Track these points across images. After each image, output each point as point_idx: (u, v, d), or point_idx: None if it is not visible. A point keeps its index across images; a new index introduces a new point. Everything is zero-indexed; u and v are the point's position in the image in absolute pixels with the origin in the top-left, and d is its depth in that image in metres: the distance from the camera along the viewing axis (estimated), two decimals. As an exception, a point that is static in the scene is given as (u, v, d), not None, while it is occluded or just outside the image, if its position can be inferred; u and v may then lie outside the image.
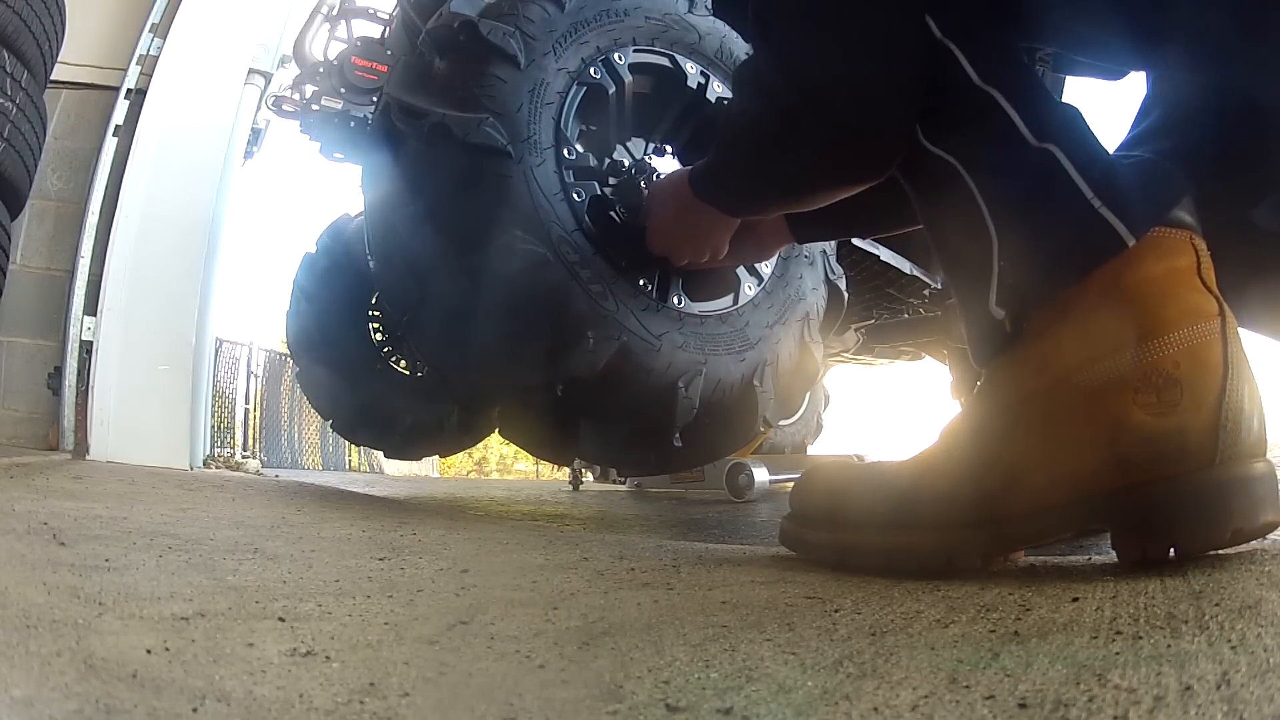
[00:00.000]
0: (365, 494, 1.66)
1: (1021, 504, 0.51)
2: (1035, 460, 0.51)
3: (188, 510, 0.89)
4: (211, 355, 2.20)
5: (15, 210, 1.37)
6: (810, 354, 1.21)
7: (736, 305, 1.13)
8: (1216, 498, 0.47)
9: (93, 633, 0.34)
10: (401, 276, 1.07)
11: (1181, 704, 0.26)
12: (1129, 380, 0.49)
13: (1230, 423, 0.47)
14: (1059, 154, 0.52)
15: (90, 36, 1.83)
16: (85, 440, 1.66)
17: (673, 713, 0.28)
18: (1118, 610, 0.40)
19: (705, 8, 1.24)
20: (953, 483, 0.54)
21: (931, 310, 2.11)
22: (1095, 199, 0.51)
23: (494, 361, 1.03)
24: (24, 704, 0.26)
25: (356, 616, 0.42)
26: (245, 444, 6.72)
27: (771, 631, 0.40)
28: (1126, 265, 0.50)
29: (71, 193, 1.83)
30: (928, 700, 0.29)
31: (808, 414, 3.19)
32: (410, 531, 0.84)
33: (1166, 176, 0.53)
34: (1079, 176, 0.51)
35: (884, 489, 0.58)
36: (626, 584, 0.55)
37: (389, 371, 2.17)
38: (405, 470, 6.64)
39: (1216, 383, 0.48)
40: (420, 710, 0.28)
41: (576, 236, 0.99)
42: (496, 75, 1.00)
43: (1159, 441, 0.48)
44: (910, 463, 0.58)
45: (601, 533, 1.14)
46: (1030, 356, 0.53)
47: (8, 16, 1.20)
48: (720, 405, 1.08)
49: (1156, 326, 0.49)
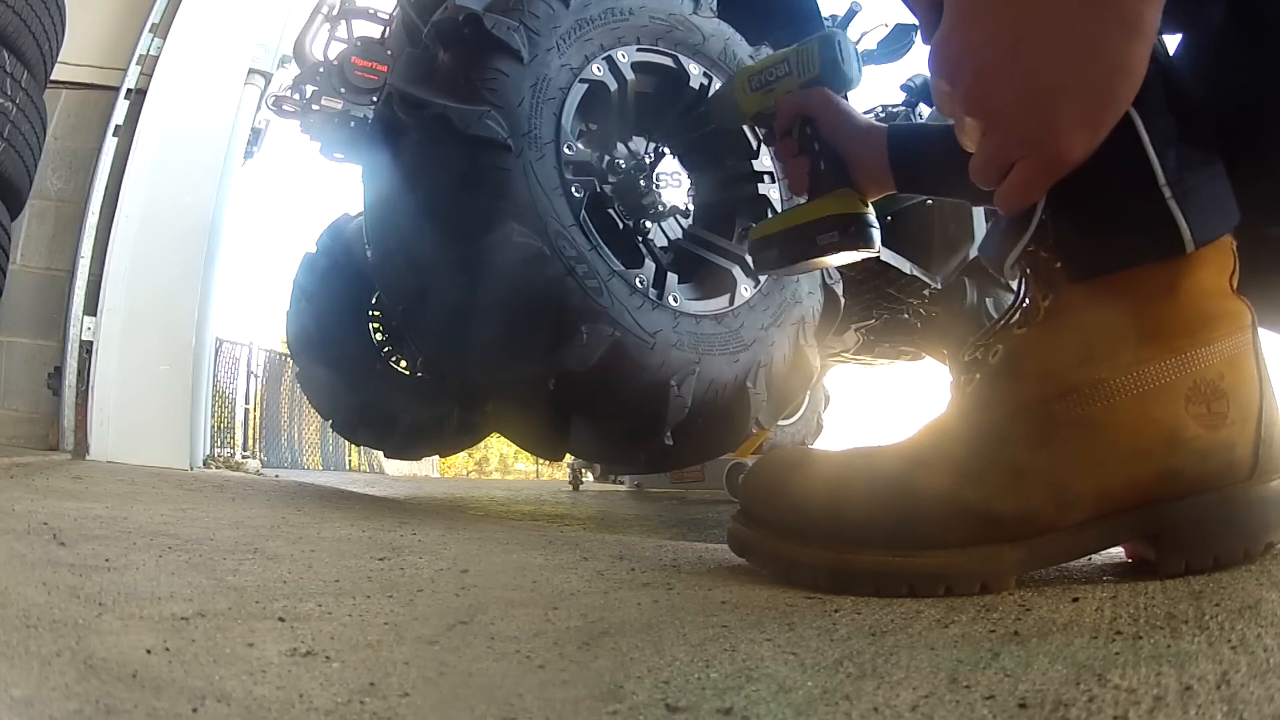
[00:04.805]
0: (365, 494, 1.66)
1: (1068, 517, 0.47)
2: (1080, 470, 0.47)
3: (188, 510, 0.89)
4: (211, 355, 2.20)
5: (15, 210, 1.37)
6: (805, 357, 1.21)
7: (732, 306, 1.13)
8: (1258, 511, 0.47)
9: (93, 633, 0.34)
10: (399, 267, 1.08)
11: (1181, 704, 0.26)
12: (1178, 389, 0.46)
13: (1268, 436, 0.47)
14: (1136, 118, 0.44)
15: (90, 36, 1.83)
16: (85, 440, 1.66)
17: (673, 713, 0.28)
18: (1118, 610, 0.40)
19: (710, 9, 1.24)
20: (982, 495, 0.47)
21: (931, 310, 2.11)
22: (1167, 188, 0.45)
23: (487, 354, 1.03)
24: (24, 704, 0.26)
25: (356, 616, 0.42)
26: (245, 444, 6.72)
27: (771, 631, 0.40)
28: (1184, 269, 0.46)
29: (71, 193, 1.83)
30: (928, 700, 0.29)
31: (807, 414, 3.19)
32: (410, 531, 0.84)
33: (1225, 178, 0.48)
34: (1155, 156, 0.45)
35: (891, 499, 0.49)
36: (626, 584, 0.55)
37: (389, 371, 2.17)
38: (405, 470, 6.64)
39: (1256, 395, 0.47)
40: (420, 710, 0.28)
41: (574, 232, 0.99)
42: (499, 69, 1.00)
43: (1212, 455, 0.46)
44: (921, 471, 0.50)
45: (601, 533, 1.14)
46: (1063, 343, 0.48)
47: (8, 16, 1.20)
48: (713, 405, 1.09)
49: (1207, 335, 0.47)
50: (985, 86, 0.42)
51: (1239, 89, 0.50)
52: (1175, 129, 0.46)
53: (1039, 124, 0.41)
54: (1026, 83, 0.40)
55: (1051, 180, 0.44)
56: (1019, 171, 0.43)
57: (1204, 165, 0.47)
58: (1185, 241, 0.45)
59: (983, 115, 0.43)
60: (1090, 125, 0.41)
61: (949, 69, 0.43)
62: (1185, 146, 0.46)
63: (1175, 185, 0.45)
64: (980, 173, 0.45)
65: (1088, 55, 0.39)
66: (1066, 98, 0.40)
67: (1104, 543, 0.49)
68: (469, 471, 13.19)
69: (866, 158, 0.72)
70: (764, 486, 0.56)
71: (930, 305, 2.06)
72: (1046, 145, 0.42)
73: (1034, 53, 0.40)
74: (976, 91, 0.42)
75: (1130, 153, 0.45)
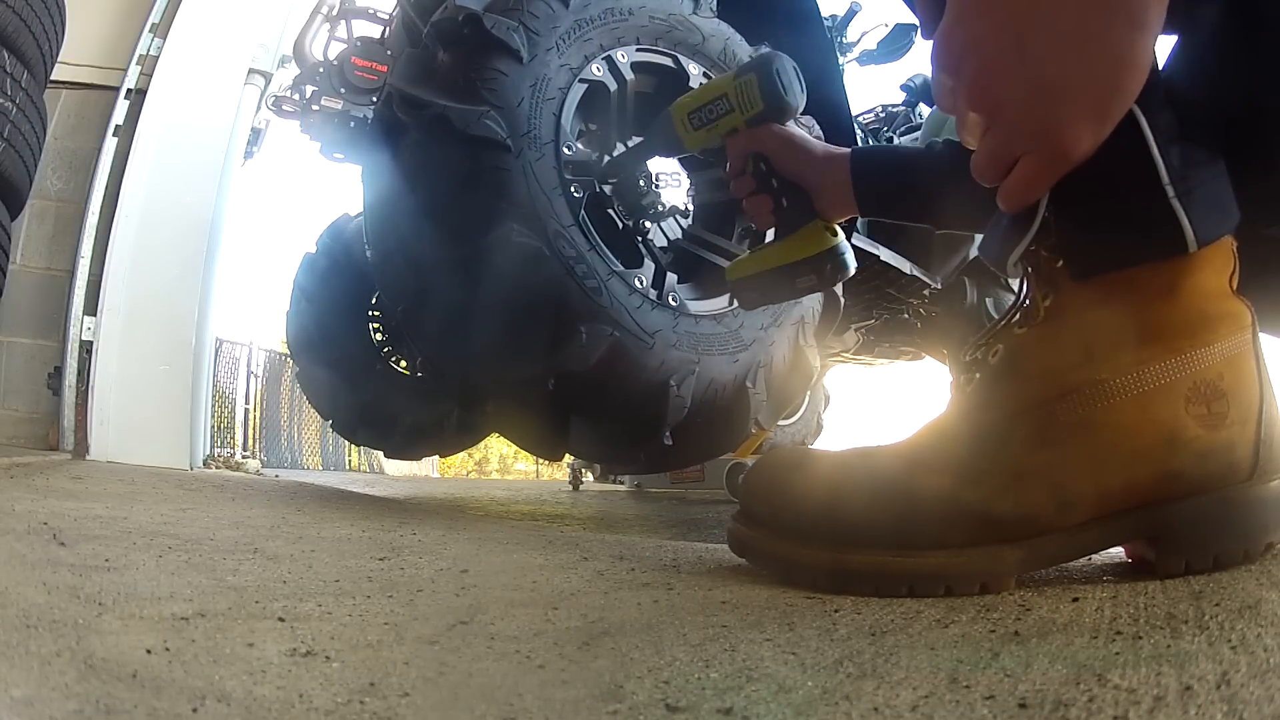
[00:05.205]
0: (365, 494, 1.66)
1: (1068, 518, 0.47)
2: (1080, 471, 0.47)
3: (188, 510, 0.89)
4: (211, 355, 2.20)
5: (15, 210, 1.37)
6: (805, 358, 1.21)
7: (732, 306, 1.13)
8: (1258, 512, 0.47)
9: (93, 633, 0.34)
10: (399, 267, 1.08)
11: (1181, 704, 0.26)
12: (1178, 389, 0.46)
13: (1268, 437, 0.47)
14: (1140, 115, 0.44)
15: (90, 36, 1.83)
16: (85, 440, 1.66)
17: (673, 713, 0.28)
18: (1118, 610, 0.40)
19: (710, 9, 1.24)
20: (981, 496, 0.47)
21: (931, 310, 2.11)
22: (1170, 187, 0.44)
23: (487, 354, 1.03)
24: (24, 704, 0.26)
25: (356, 616, 0.42)
26: (245, 444, 6.72)
27: (771, 631, 0.40)
28: (1184, 270, 0.46)
29: (71, 193, 1.83)
30: (928, 700, 0.29)
31: (807, 414, 3.19)
32: (410, 531, 0.84)
33: (1226, 177, 0.47)
34: (1159, 155, 0.44)
35: (891, 499, 0.49)
36: (626, 584, 0.55)
37: (389, 371, 2.17)
38: (405, 470, 6.64)
39: (1256, 396, 0.47)
40: (420, 710, 0.28)
41: (573, 232, 0.99)
42: (499, 69, 1.00)
43: (1211, 456, 0.46)
44: (921, 471, 0.49)
45: (601, 533, 1.14)
46: (1064, 343, 0.48)
47: (8, 16, 1.20)
48: (712, 406, 1.09)
49: (1207, 336, 0.47)
50: (989, 81, 0.41)
51: (1237, 89, 0.50)
52: (1178, 127, 0.46)
53: (1044, 118, 0.41)
54: (1031, 76, 0.40)
55: (1055, 176, 0.43)
56: (1022, 167, 0.43)
57: (1207, 164, 0.46)
58: (1188, 241, 0.45)
59: (986, 110, 0.43)
60: (1096, 119, 0.40)
61: (952, 63, 0.43)
62: (1188, 145, 0.46)
63: (1178, 184, 0.45)
64: (983, 169, 0.45)
65: (1093, 48, 0.39)
66: (1072, 91, 0.40)
67: (1104, 543, 0.49)
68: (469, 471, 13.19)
69: (829, 185, 0.73)
70: (764, 486, 0.56)
71: (930, 305, 2.06)
72: (1051, 140, 0.41)
73: (1039, 46, 0.39)
74: (980, 86, 0.42)
75: (1133, 151, 0.44)
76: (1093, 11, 0.38)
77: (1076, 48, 0.39)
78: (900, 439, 0.53)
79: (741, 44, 1.25)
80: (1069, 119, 0.40)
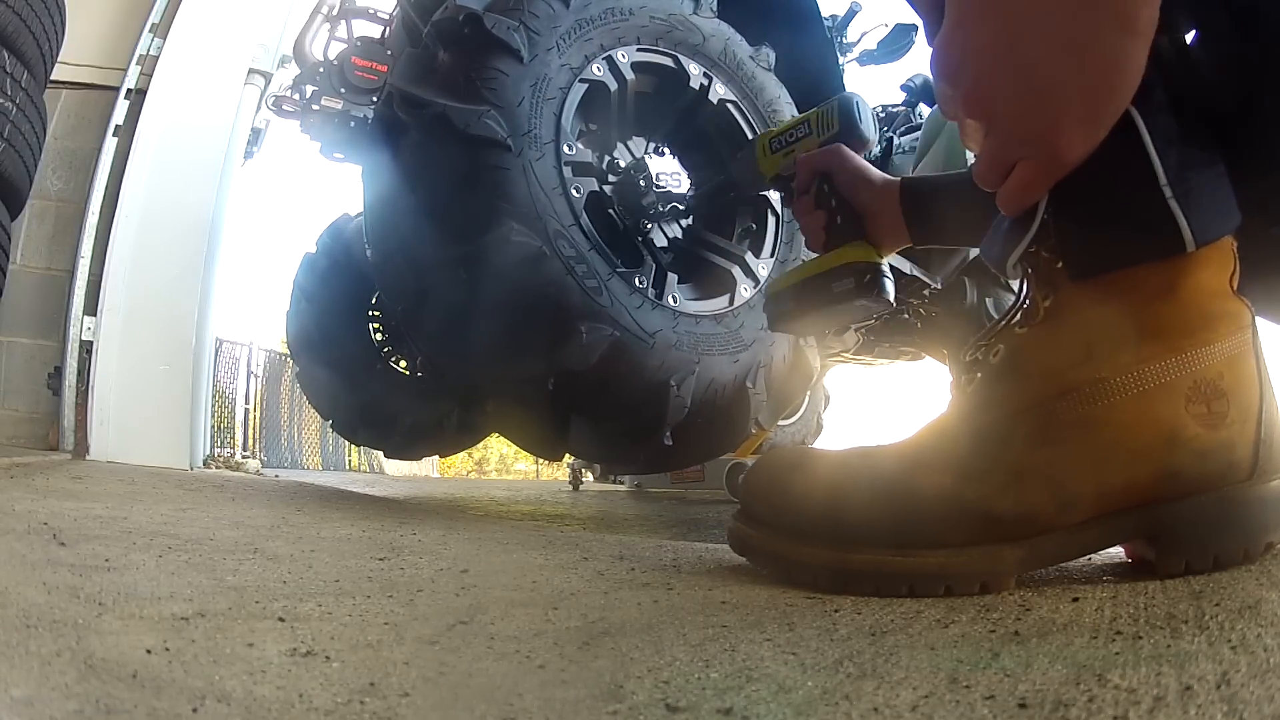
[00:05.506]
0: (365, 494, 1.66)
1: (1068, 517, 0.47)
2: (1080, 470, 0.47)
3: (188, 510, 0.89)
4: (211, 355, 2.20)
5: (15, 210, 1.37)
6: (805, 358, 1.21)
7: (732, 306, 1.13)
8: (1258, 511, 0.46)
9: (93, 633, 0.34)
10: (399, 267, 1.08)
11: (1181, 704, 0.26)
12: (1178, 388, 0.46)
13: (1267, 436, 0.47)
14: (1137, 117, 0.44)
15: (90, 36, 1.83)
16: (85, 440, 1.66)
17: (673, 713, 0.28)
18: (1118, 610, 0.40)
19: (710, 9, 1.24)
20: (982, 495, 0.47)
21: (931, 310, 2.11)
22: (1168, 187, 0.44)
23: (487, 353, 1.03)
24: (24, 704, 0.26)
25: (356, 616, 0.42)
26: (245, 444, 6.72)
27: (771, 631, 0.40)
28: (1184, 269, 0.46)
29: (71, 193, 1.83)
30: (928, 700, 0.29)
31: (807, 414, 3.19)
32: (410, 531, 0.84)
33: (1226, 178, 0.47)
34: (1156, 156, 0.44)
35: (891, 499, 0.49)
36: (626, 584, 0.55)
37: (389, 371, 2.17)
38: (405, 470, 6.64)
39: (1256, 395, 0.47)
40: (420, 710, 0.28)
41: (573, 231, 0.99)
42: (499, 69, 1.00)
43: (1211, 455, 0.46)
44: (921, 471, 0.50)
45: (601, 533, 1.14)
46: (1064, 342, 0.48)
47: (8, 16, 1.20)
48: (712, 406, 1.09)
49: (1207, 335, 0.47)
50: (985, 88, 0.42)
51: (1237, 87, 0.50)
52: (1176, 128, 0.46)
53: (1038, 124, 0.42)
54: (1024, 82, 0.41)
55: (1052, 180, 0.44)
56: (1020, 172, 0.44)
57: (1205, 165, 0.47)
58: (1186, 242, 0.45)
59: (983, 117, 0.44)
60: (1089, 124, 0.41)
61: (951, 71, 0.43)
62: (1186, 146, 0.46)
63: (1176, 185, 0.45)
64: (983, 174, 0.46)
65: (1084, 54, 0.39)
66: (1064, 97, 0.40)
67: (1104, 542, 0.49)
68: (469, 471, 13.19)
69: (882, 212, 0.74)
70: (764, 486, 0.56)
71: (930, 305, 2.06)
72: (1045, 145, 0.42)
73: (1030, 52, 0.40)
74: (977, 93, 0.43)
75: (1131, 152, 0.45)
76: (1081, 18, 0.39)
77: (1066, 53, 0.39)
78: (901, 438, 0.53)
79: (742, 44, 1.25)
80: (1061, 124, 0.41)
